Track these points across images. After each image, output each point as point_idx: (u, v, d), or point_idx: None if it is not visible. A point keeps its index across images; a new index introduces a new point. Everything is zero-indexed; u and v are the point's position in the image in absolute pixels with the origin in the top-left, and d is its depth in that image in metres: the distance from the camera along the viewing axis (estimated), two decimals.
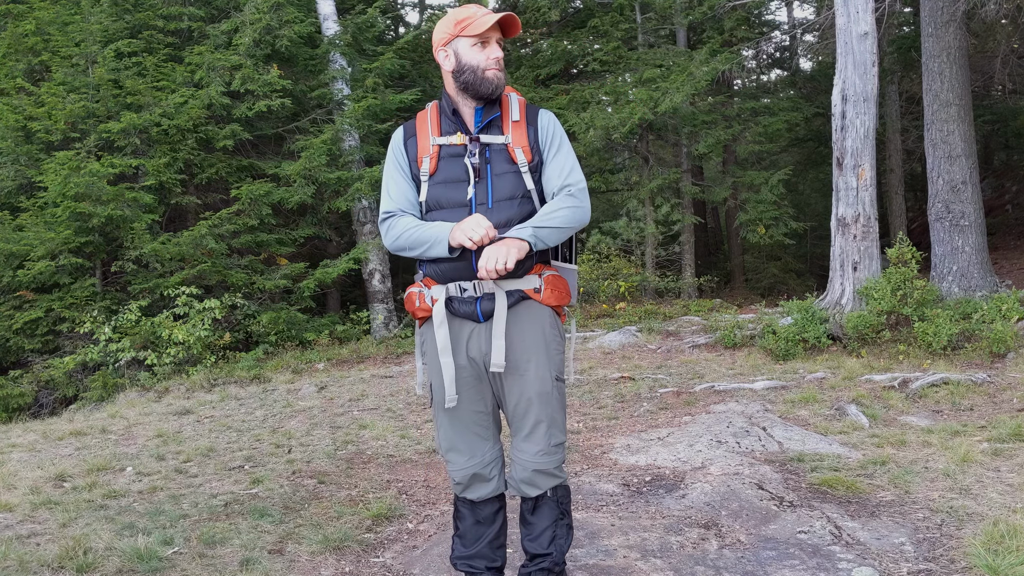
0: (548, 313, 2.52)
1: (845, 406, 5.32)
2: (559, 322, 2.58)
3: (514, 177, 2.46)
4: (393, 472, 4.56)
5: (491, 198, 2.45)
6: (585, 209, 2.47)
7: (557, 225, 2.41)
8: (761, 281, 16.61)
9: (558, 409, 2.54)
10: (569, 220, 2.42)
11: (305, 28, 10.99)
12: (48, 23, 10.07)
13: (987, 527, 3.16)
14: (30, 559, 3.23)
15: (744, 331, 8.02)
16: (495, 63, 2.45)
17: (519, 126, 2.49)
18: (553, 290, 2.50)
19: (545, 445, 2.52)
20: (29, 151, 9.62)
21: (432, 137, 2.53)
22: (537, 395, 2.49)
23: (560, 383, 2.55)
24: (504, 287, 2.46)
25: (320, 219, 11.42)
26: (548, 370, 2.50)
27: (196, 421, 6.29)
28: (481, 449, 2.60)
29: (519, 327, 2.48)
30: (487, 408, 2.58)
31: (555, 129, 2.53)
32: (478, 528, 2.66)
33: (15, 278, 9.17)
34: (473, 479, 2.61)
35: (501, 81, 2.47)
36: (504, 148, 2.48)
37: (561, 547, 2.63)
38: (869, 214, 7.89)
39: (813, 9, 18.27)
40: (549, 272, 2.52)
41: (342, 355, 9.13)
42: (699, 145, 13.79)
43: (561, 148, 2.51)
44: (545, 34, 16.55)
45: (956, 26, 9.41)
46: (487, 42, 2.46)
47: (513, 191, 2.46)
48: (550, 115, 2.57)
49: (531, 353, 2.48)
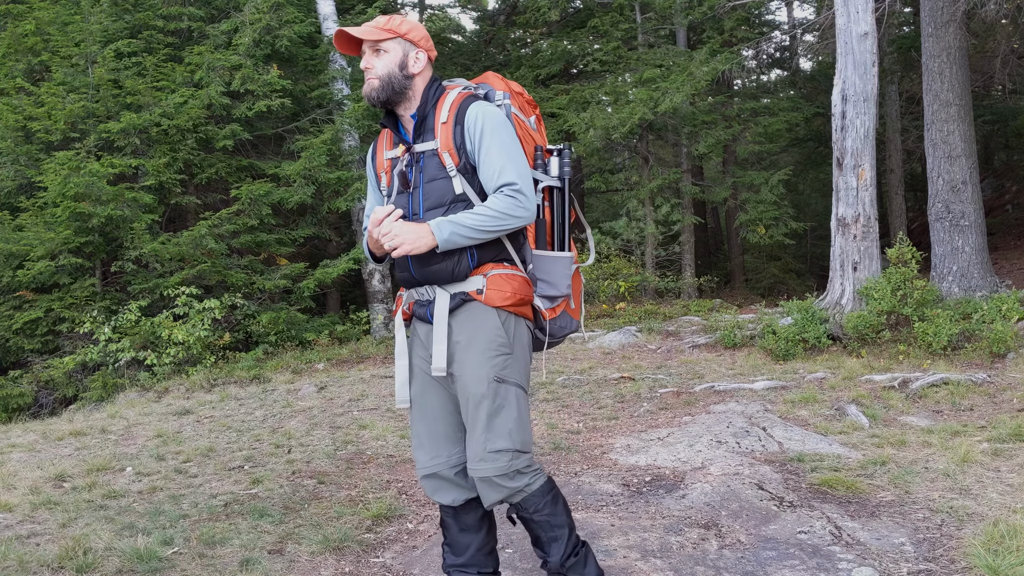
0: (492, 314, 2.40)
1: (845, 406, 5.32)
2: (514, 323, 2.44)
3: (443, 183, 2.40)
4: (393, 472, 4.55)
5: (421, 207, 2.42)
6: (518, 209, 2.33)
7: (471, 225, 2.32)
8: (761, 281, 16.61)
9: (498, 413, 2.38)
10: (489, 223, 2.32)
11: (305, 28, 11.00)
12: (48, 23, 10.06)
13: (987, 527, 3.16)
14: (30, 559, 3.23)
15: (744, 331, 8.02)
16: (365, 74, 2.46)
17: (447, 127, 2.41)
18: (498, 290, 2.40)
19: (480, 450, 2.39)
20: (29, 151, 9.62)
21: (385, 151, 2.57)
22: (472, 397, 2.40)
23: (502, 385, 2.39)
24: (450, 290, 2.42)
25: (320, 219, 11.42)
26: (484, 371, 2.38)
27: (196, 421, 6.29)
28: (446, 450, 2.53)
29: (460, 329, 2.42)
30: (456, 409, 2.52)
31: (482, 124, 2.37)
32: (464, 536, 2.59)
33: (15, 278, 9.17)
34: (434, 479, 2.55)
35: (368, 91, 2.45)
36: (435, 153, 2.41)
37: (556, 557, 2.51)
38: (869, 214, 7.89)
39: (813, 9, 18.28)
40: (496, 271, 2.42)
41: (342, 355, 9.13)
42: (699, 145, 13.79)
43: (489, 146, 2.36)
44: (545, 34, 16.57)
45: (956, 26, 9.41)
46: (361, 56, 2.50)
47: (441, 198, 2.40)
48: (479, 109, 2.41)
49: (466, 355, 2.41)
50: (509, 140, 2.40)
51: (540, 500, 2.46)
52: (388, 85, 2.43)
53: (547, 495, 2.48)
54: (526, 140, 2.51)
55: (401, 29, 2.46)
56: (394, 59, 2.44)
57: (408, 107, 2.49)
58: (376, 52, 2.45)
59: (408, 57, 2.45)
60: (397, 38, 2.45)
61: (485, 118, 2.38)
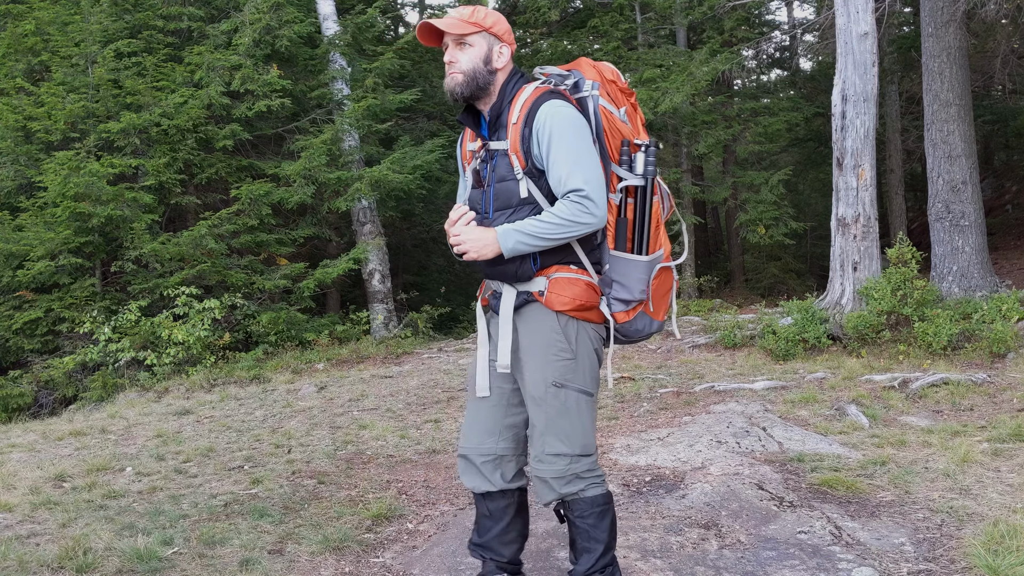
0: (552, 317, 2.40)
1: (845, 406, 5.32)
2: (576, 328, 2.42)
3: (511, 185, 2.38)
4: (393, 472, 4.55)
5: (491, 207, 2.41)
6: (584, 215, 2.28)
7: (535, 233, 2.30)
8: (761, 281, 16.60)
9: (556, 417, 2.40)
10: (554, 231, 2.29)
11: (305, 28, 10.99)
12: (48, 23, 10.07)
13: (987, 527, 3.16)
14: (30, 559, 3.23)
15: (744, 331, 8.02)
16: (447, 68, 2.41)
17: (517, 128, 2.36)
18: (558, 294, 2.39)
19: (539, 451, 2.45)
20: (29, 151, 9.62)
21: (468, 143, 2.56)
22: (531, 399, 2.45)
23: (561, 390, 2.40)
24: (516, 287, 2.43)
25: (320, 219, 11.41)
26: (542, 375, 2.40)
27: (196, 421, 6.29)
28: (480, 439, 2.56)
29: (524, 328, 2.45)
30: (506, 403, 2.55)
31: (551, 127, 2.31)
32: (486, 520, 2.64)
33: (15, 278, 9.17)
34: (464, 461, 2.60)
35: (452, 85, 2.40)
36: (506, 154, 2.39)
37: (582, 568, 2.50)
38: (869, 214, 7.89)
39: (813, 9, 18.28)
40: (559, 274, 2.40)
41: (342, 355, 9.13)
42: (699, 145, 13.79)
43: (557, 149, 2.30)
44: (545, 34, 16.55)
45: (956, 26, 9.41)
46: (444, 49, 2.44)
47: (508, 200, 2.38)
48: (548, 110, 2.33)
49: (527, 356, 2.44)
50: (578, 142, 2.32)
51: (588, 508, 2.47)
52: (472, 80, 2.39)
53: (598, 507, 2.48)
54: (612, 134, 2.42)
55: (486, 22, 2.40)
56: (479, 53, 2.39)
57: (488, 102, 2.45)
58: (460, 46, 2.39)
59: (492, 51, 2.41)
60: (482, 32, 2.40)
61: (554, 120, 2.31)
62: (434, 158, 11.46)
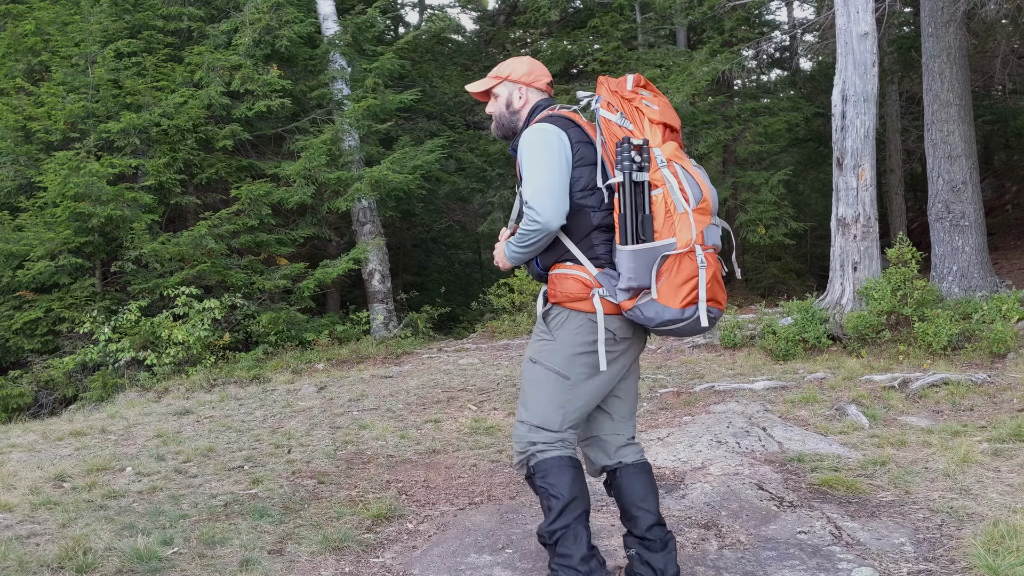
0: (551, 307, 2.70)
1: (845, 406, 5.32)
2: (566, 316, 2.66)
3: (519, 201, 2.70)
4: (393, 472, 4.55)
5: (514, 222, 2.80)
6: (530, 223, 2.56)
7: (513, 245, 2.68)
8: (761, 281, 16.60)
9: (526, 387, 2.74)
10: (521, 239, 2.62)
11: (305, 28, 11.00)
12: (48, 23, 10.06)
13: (987, 527, 3.16)
14: (30, 559, 3.23)
15: (744, 331, 8.02)
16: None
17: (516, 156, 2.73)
18: (552, 288, 2.69)
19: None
20: (29, 151, 9.62)
21: None
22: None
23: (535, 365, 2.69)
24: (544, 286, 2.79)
25: (320, 219, 11.42)
26: (528, 353, 2.76)
27: (196, 421, 6.29)
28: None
29: None
30: None
31: (521, 151, 2.64)
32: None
33: (15, 278, 9.17)
34: None
35: (493, 131, 2.91)
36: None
37: (542, 525, 2.71)
38: (869, 214, 7.89)
39: (813, 9, 18.27)
40: (556, 271, 2.69)
41: (342, 355, 9.13)
42: (699, 145, 13.78)
43: (523, 169, 2.62)
44: (545, 34, 16.57)
45: (956, 26, 9.41)
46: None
47: (517, 215, 2.73)
48: (524, 135, 2.66)
49: None
50: (536, 157, 2.60)
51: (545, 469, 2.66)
52: (500, 124, 2.87)
53: (553, 469, 2.65)
54: (610, 138, 2.62)
55: (503, 73, 2.84)
56: (503, 101, 2.84)
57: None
58: (493, 97, 2.87)
59: (512, 96, 2.83)
60: (503, 82, 2.84)
61: (522, 144, 2.65)
62: (434, 158, 11.46)
